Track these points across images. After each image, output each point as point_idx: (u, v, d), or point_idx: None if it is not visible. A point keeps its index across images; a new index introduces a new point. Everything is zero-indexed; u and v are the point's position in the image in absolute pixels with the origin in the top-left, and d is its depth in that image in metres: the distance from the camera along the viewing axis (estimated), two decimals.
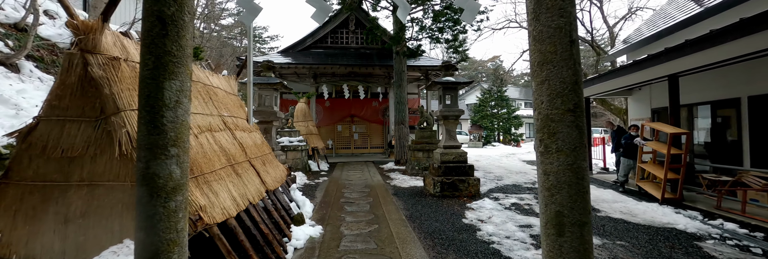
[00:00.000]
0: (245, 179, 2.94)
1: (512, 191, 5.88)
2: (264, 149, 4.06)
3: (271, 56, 11.81)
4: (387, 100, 12.68)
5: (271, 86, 5.32)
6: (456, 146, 5.48)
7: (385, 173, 8.09)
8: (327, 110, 13.05)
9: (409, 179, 7.17)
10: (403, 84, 9.92)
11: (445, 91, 5.46)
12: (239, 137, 3.43)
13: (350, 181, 6.90)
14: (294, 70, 11.78)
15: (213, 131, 2.94)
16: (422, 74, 12.32)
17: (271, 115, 5.32)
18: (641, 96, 8.03)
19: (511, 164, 10.87)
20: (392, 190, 5.91)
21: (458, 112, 5.44)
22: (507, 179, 7.19)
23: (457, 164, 5.32)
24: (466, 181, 5.21)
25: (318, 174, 7.90)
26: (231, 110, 3.70)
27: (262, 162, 3.60)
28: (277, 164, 4.19)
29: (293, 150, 7.58)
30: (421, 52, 9.63)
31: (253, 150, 3.58)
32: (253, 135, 4.01)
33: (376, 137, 13.83)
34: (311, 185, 6.41)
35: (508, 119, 23.18)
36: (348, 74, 12.08)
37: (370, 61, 11.65)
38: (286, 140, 7.64)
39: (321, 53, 12.23)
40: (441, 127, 5.70)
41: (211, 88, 3.48)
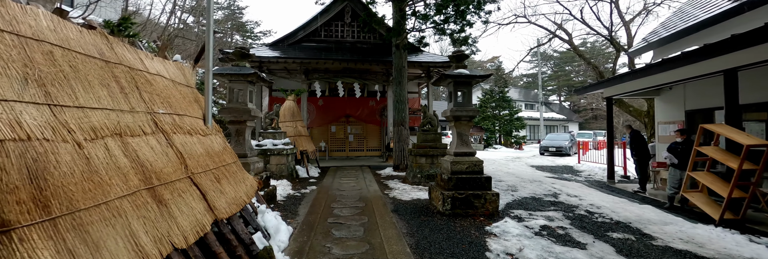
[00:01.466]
0: (175, 209, 1.95)
1: (534, 206, 4.93)
2: (224, 157, 3.07)
3: (259, 50, 10.80)
4: (385, 99, 11.72)
5: (243, 78, 4.33)
6: (470, 152, 4.53)
7: (382, 181, 7.11)
8: (320, 110, 12.05)
9: (410, 188, 6.21)
10: (404, 81, 8.96)
11: (457, 86, 4.50)
12: (181, 143, 2.44)
13: (342, 191, 5.91)
14: (284, 66, 10.79)
15: (128, 134, 1.95)
16: (423, 71, 11.38)
17: (244, 114, 4.32)
18: (672, 96, 7.14)
19: (520, 170, 9.94)
20: (392, 205, 4.93)
21: (473, 112, 4.48)
22: (523, 190, 6.24)
23: (472, 176, 4.36)
24: (483, 196, 4.25)
25: (306, 182, 6.90)
26: (174, 106, 2.71)
27: (214, 178, 2.61)
28: (242, 178, 3.20)
29: (277, 154, 6.58)
30: (424, 44, 8.68)
31: (203, 161, 2.59)
32: (210, 140, 3.02)
33: (373, 138, 12.85)
34: (295, 197, 5.41)
35: (510, 121, 22.32)
36: (343, 70, 11.11)
37: (367, 56, 10.68)
38: (269, 142, 6.64)
39: (313, 47, 11.24)
40: (451, 129, 4.75)
41: (142, 75, 2.49)
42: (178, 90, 3.01)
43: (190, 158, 2.44)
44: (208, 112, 3.24)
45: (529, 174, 9.03)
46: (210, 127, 3.22)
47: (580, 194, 6.04)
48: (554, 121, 33.97)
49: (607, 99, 7.77)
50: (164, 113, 2.50)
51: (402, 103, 8.93)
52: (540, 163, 12.59)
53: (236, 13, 22.16)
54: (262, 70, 10.49)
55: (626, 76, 6.32)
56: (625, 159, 8.67)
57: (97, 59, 2.06)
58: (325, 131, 12.54)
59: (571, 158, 14.27)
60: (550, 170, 10.55)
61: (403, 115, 8.91)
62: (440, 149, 6.88)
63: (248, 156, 4.39)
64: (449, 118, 4.64)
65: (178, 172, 2.22)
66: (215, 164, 2.79)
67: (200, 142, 2.76)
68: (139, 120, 2.16)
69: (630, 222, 4.19)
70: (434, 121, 7.18)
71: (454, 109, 4.46)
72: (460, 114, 4.46)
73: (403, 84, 8.94)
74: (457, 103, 4.54)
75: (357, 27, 11.80)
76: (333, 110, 12.04)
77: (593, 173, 9.48)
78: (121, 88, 2.18)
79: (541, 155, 16.21)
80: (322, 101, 12.10)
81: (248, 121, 4.46)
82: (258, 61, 10.06)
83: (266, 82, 4.71)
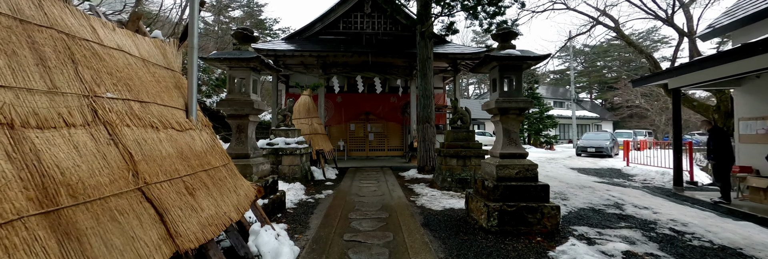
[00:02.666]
0: (97, 245, 1.23)
1: (599, 221, 3.96)
2: (209, 159, 2.36)
3: (274, 43, 10.24)
4: (408, 95, 10.89)
5: (245, 64, 3.63)
6: (519, 153, 3.62)
7: (407, 185, 6.29)
8: (338, 107, 11.38)
9: (439, 195, 5.35)
10: (429, 74, 8.09)
11: (503, 71, 3.60)
12: (135, 139, 1.73)
13: (362, 197, 5.14)
14: (300, 60, 10.17)
15: (32, 126, 1.25)
16: (449, 64, 10.45)
17: (246, 107, 3.63)
18: (759, 87, 5.87)
19: (561, 174, 8.82)
20: (421, 216, 4.10)
21: (524, 103, 3.57)
22: (575, 199, 5.24)
23: (524, 183, 3.46)
24: (539, 210, 3.34)
25: (321, 185, 6.19)
26: (137, 91, 2.01)
27: (185, 189, 1.89)
28: (234, 186, 2.48)
29: (290, 154, 5.91)
30: (453, 31, 7.76)
31: (169, 165, 1.88)
32: (190, 137, 2.31)
33: (395, 137, 12.05)
34: (308, 204, 4.69)
35: (540, 120, 20.88)
36: (362, 64, 10.36)
37: (389, 48, 9.87)
38: (281, 141, 5.98)
39: (331, 40, 10.56)
40: (495, 125, 3.85)
41: (88, 46, 1.80)
42: (150, 72, 2.32)
43: (146, 161, 1.72)
44: (191, 101, 2.54)
45: (573, 178, 7.93)
46: (194, 120, 2.52)
47: (649, 204, 4.97)
48: (586, 119, 31.91)
49: (674, 91, 6.56)
50: (115, 99, 1.79)
51: (427, 99, 8.06)
52: (580, 165, 11.34)
53: (255, 11, 22.02)
54: (278, 65, 9.92)
55: (707, 61, 5.15)
56: (691, 162, 7.41)
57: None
58: (343, 129, 11.86)
59: (614, 160, 12.86)
60: (595, 173, 9.35)
61: (429, 112, 8.04)
62: (474, 149, 5.98)
63: (251, 156, 3.70)
64: (493, 111, 3.75)
65: (119, 182, 1.49)
66: (191, 169, 2.07)
67: (171, 139, 2.04)
68: (63, 105, 1.46)
69: (741, 248, 3.15)
70: (466, 118, 6.28)
71: (501, 100, 3.56)
72: (508, 106, 3.56)
73: (428, 77, 8.07)
74: (504, 93, 3.64)
75: (378, 18, 11.02)
76: (352, 107, 11.34)
77: (649, 177, 8.23)
78: (40, 59, 1.49)
79: (577, 155, 14.83)
80: (341, 98, 11.42)
81: (251, 116, 3.77)
82: (273, 56, 9.49)
83: (273, 69, 4.00)
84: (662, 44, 39.73)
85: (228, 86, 3.78)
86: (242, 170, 3.56)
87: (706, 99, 20.08)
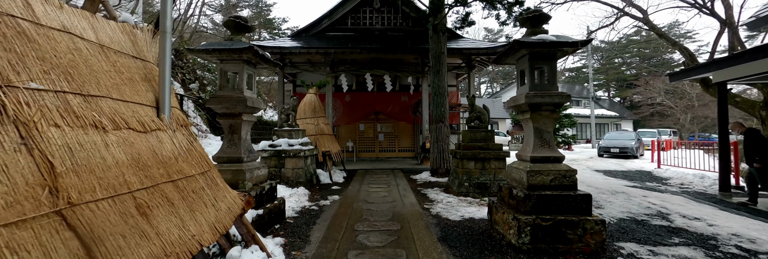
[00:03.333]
0: None
1: (646, 236, 3.39)
2: (181, 167, 1.92)
3: (280, 41, 9.89)
4: (419, 93, 10.38)
5: (237, 56, 3.21)
6: (555, 157, 3.09)
7: (420, 190, 5.79)
8: (347, 106, 10.95)
9: (456, 201, 4.84)
10: (443, 70, 7.57)
11: (534, 60, 3.07)
12: (63, 144, 1.30)
13: (371, 204, 4.68)
14: (307, 58, 9.79)
15: None
16: (464, 60, 9.89)
17: (239, 104, 3.20)
18: None
19: (586, 176, 8.16)
20: (437, 228, 3.60)
21: (560, 97, 3.04)
22: (610, 207, 4.65)
23: (561, 193, 2.93)
24: (581, 224, 2.80)
25: (327, 190, 5.75)
26: (84, 82, 1.59)
27: (134, 208, 1.44)
28: (215, 197, 2.04)
29: (294, 157, 5.49)
30: (469, 23, 7.22)
31: (115, 177, 1.44)
32: (156, 138, 1.88)
33: (405, 138, 11.55)
34: (311, 213, 4.25)
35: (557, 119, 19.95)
36: (372, 62, 9.91)
37: (399, 45, 9.39)
38: (284, 142, 5.57)
39: (339, 37, 10.15)
40: (524, 123, 3.32)
41: (12, 23, 1.38)
42: (110, 60, 1.89)
43: (76, 172, 1.28)
44: (163, 96, 2.11)
45: (601, 182, 7.28)
46: (166, 119, 2.09)
47: (699, 214, 4.34)
48: (605, 118, 30.69)
49: (719, 85, 5.87)
50: (42, 90, 1.37)
51: (441, 96, 7.54)
52: (605, 167, 10.61)
53: (263, 10, 21.85)
54: (284, 63, 9.57)
55: (762, 51, 4.49)
56: (736, 164, 6.67)
57: None
58: (352, 129, 11.43)
59: (640, 161, 12.05)
60: (624, 176, 8.64)
61: (443, 110, 7.52)
62: (493, 150, 5.43)
63: (244, 160, 3.27)
64: (522, 108, 3.23)
65: (24, 205, 1.06)
66: (150, 181, 1.63)
67: (124, 143, 1.61)
68: None
69: None
70: (484, 116, 5.74)
71: (532, 95, 3.03)
72: (540, 101, 3.03)
73: (442, 73, 7.55)
74: (535, 86, 3.11)
75: (387, 13, 10.55)
76: (361, 106, 10.89)
77: (686, 181, 7.50)
78: None
79: (599, 156, 14.03)
80: (349, 97, 10.99)
81: (245, 115, 3.34)
82: (279, 53, 9.13)
83: (271, 63, 3.57)
84: (685, 39, 38.00)
85: (219, 81, 3.36)
86: (234, 177, 3.14)
87: (740, 92, 18.83)
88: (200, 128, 6.82)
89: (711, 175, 7.42)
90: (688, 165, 8.84)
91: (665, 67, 39.78)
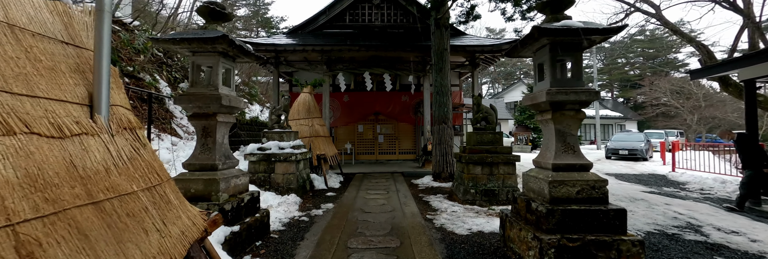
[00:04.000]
0: None
1: (685, 256, 2.93)
2: (116, 182, 1.47)
3: (274, 38, 9.47)
4: (420, 93, 9.93)
5: (210, 47, 2.77)
6: (581, 165, 2.63)
7: (421, 197, 5.34)
8: (345, 106, 10.51)
9: (462, 211, 4.38)
10: (446, 68, 7.13)
11: (557, 51, 2.63)
12: None
13: (368, 214, 4.23)
14: (303, 56, 9.35)
15: None
16: (467, 58, 9.43)
17: (213, 103, 2.76)
18: None
19: None
20: (442, 245, 3.15)
21: (587, 94, 2.59)
22: (633, 218, 4.19)
23: (590, 207, 2.47)
24: (615, 245, 2.35)
25: (321, 197, 5.30)
26: None
27: (12, 250, 1.00)
28: (163, 220, 1.60)
29: (284, 161, 5.04)
30: (474, 17, 6.78)
31: None
32: (79, 145, 1.43)
33: (406, 139, 11.10)
34: (300, 225, 3.80)
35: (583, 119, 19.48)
36: (371, 60, 9.47)
37: (400, 41, 8.94)
38: (274, 145, 5.13)
39: (337, 34, 9.72)
40: (544, 126, 2.87)
41: None
42: (23, 46, 1.44)
43: None
44: (99, 91, 1.67)
45: (615, 187, 6.81)
46: (102, 120, 1.65)
47: (734, 226, 3.88)
48: (609, 119, 30.23)
49: (747, 83, 5.40)
50: None
51: (444, 96, 7.09)
52: (615, 170, 10.13)
53: (261, 9, 21.43)
54: (279, 62, 9.14)
55: None
56: None
57: None
58: (351, 130, 10.99)
59: (651, 164, 11.57)
60: (637, 180, 8.17)
61: (446, 111, 7.07)
62: (502, 154, 4.98)
63: (219, 168, 2.82)
64: (541, 107, 2.78)
65: None
66: (53, 205, 1.18)
67: (15, 154, 1.17)
68: None
69: None
70: (492, 117, 5.29)
71: (553, 92, 2.58)
72: (563, 99, 2.58)
73: (444, 71, 7.11)
74: (558, 81, 2.66)
75: (387, 9, 10.12)
76: (360, 107, 10.45)
77: (705, 186, 7.03)
78: None
79: (607, 158, 13.55)
80: (348, 97, 10.55)
81: (221, 115, 2.90)
82: (273, 51, 8.70)
83: (252, 56, 3.13)
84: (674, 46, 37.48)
85: (191, 77, 2.92)
86: (206, 187, 2.70)
87: None
88: (187, 130, 6.38)
89: (732, 180, 6.95)
90: (703, 168, 8.37)
91: (669, 67, 39.27)
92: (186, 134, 6.15)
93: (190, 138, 6.11)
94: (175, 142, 5.59)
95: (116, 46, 5.94)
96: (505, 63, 43.45)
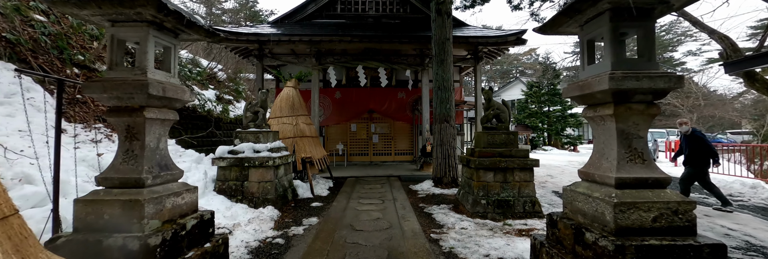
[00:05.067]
0: None
1: None
2: None
3: (258, 27, 8.61)
4: (418, 89, 9.18)
5: (132, 11, 1.95)
6: (656, 179, 1.88)
7: (423, 208, 4.57)
8: (337, 104, 9.71)
9: (473, 227, 3.62)
10: (448, 60, 6.36)
11: (619, 21, 1.87)
12: None
13: (359, 234, 3.44)
14: (290, 48, 8.52)
15: None
16: (469, 51, 8.69)
17: (138, 93, 1.96)
18: None
19: None
20: None
21: (668, 81, 1.84)
22: None
23: (674, 242, 1.72)
24: None
25: (305, 208, 4.50)
26: None
27: None
28: None
29: (260, 166, 4.23)
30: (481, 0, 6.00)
31: None
32: None
33: (403, 139, 10.33)
34: (272, 251, 2.99)
35: (562, 118, 18.92)
36: (364, 52, 8.68)
37: (396, 33, 8.15)
38: (247, 148, 4.31)
39: (327, 24, 8.89)
40: (597, 125, 2.11)
41: None
42: None
43: None
44: None
45: None
46: None
47: None
48: None
49: None
50: None
51: (446, 91, 6.33)
52: None
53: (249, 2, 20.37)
54: (264, 54, 8.29)
55: None
56: None
57: None
58: (343, 130, 10.18)
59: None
60: None
61: (448, 108, 6.31)
62: (518, 158, 4.23)
63: (147, 184, 2.01)
64: (596, 97, 2.02)
65: None
66: None
67: None
68: None
69: None
70: (504, 114, 4.53)
71: (619, 76, 1.82)
72: (634, 86, 1.82)
73: (446, 64, 6.34)
74: (623, 62, 1.90)
75: None
76: (353, 104, 9.65)
77: (733, 190, 6.37)
78: None
79: None
80: (340, 93, 9.75)
81: (150, 110, 2.08)
82: (256, 41, 7.86)
83: (201, 31, 2.31)
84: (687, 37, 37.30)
85: (108, 56, 2.10)
86: (124, 212, 1.89)
87: None
88: None
89: (764, 184, 6.32)
90: (721, 170, 7.73)
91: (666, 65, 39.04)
92: None
93: None
94: None
95: (65, 32, 5.05)
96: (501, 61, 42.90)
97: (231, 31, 7.60)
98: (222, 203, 3.94)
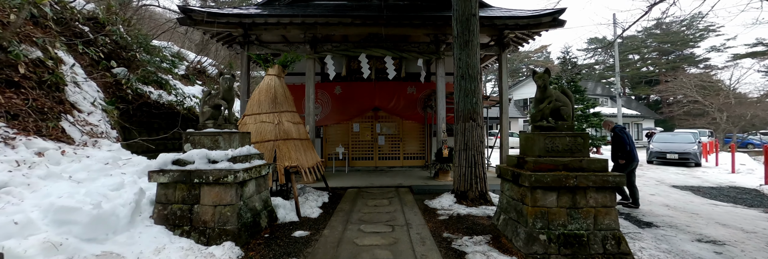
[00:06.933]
0: None
1: None
2: None
3: (243, 9, 7.34)
4: (432, 83, 7.85)
5: None
6: None
7: (448, 241, 3.22)
8: (337, 100, 8.42)
9: None
10: (474, 41, 5.02)
11: None
12: None
13: None
14: (281, 33, 7.24)
15: None
16: (492, 36, 7.32)
17: None
18: None
19: (679, 201, 5.55)
20: None
21: None
22: None
23: None
24: None
25: (284, 241, 3.18)
26: None
27: None
28: None
29: (216, 184, 2.92)
30: None
31: None
32: None
33: (413, 141, 8.98)
34: None
35: (585, 117, 17.36)
36: (368, 39, 7.38)
37: (406, 14, 6.80)
38: (200, 156, 3.01)
39: (324, 6, 7.59)
40: None
41: None
42: None
43: None
44: None
45: (707, 210, 4.70)
46: None
47: None
48: (626, 117, 28.08)
49: None
50: None
51: (472, 81, 4.99)
52: (677, 180, 8.03)
53: None
54: (250, 41, 7.02)
55: None
56: None
57: None
58: (344, 130, 8.88)
59: (711, 170, 9.45)
60: (723, 196, 6.05)
61: (474, 102, 4.96)
62: (594, 172, 2.86)
63: None
64: None
65: None
66: None
67: None
68: None
69: None
70: (567, 108, 3.17)
71: None
72: None
73: (472, 45, 5.00)
74: None
75: None
76: (356, 100, 8.35)
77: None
78: None
79: (649, 163, 11.44)
80: (340, 88, 8.45)
81: None
82: (239, 25, 6.61)
83: None
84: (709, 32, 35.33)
85: None
86: None
87: None
88: (93, 131, 4.26)
89: None
90: None
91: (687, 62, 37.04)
92: (87, 137, 4.04)
93: (92, 143, 4.01)
94: (62, 149, 3.49)
95: None
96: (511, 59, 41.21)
97: (208, 11, 6.33)
98: (155, 240, 2.65)
